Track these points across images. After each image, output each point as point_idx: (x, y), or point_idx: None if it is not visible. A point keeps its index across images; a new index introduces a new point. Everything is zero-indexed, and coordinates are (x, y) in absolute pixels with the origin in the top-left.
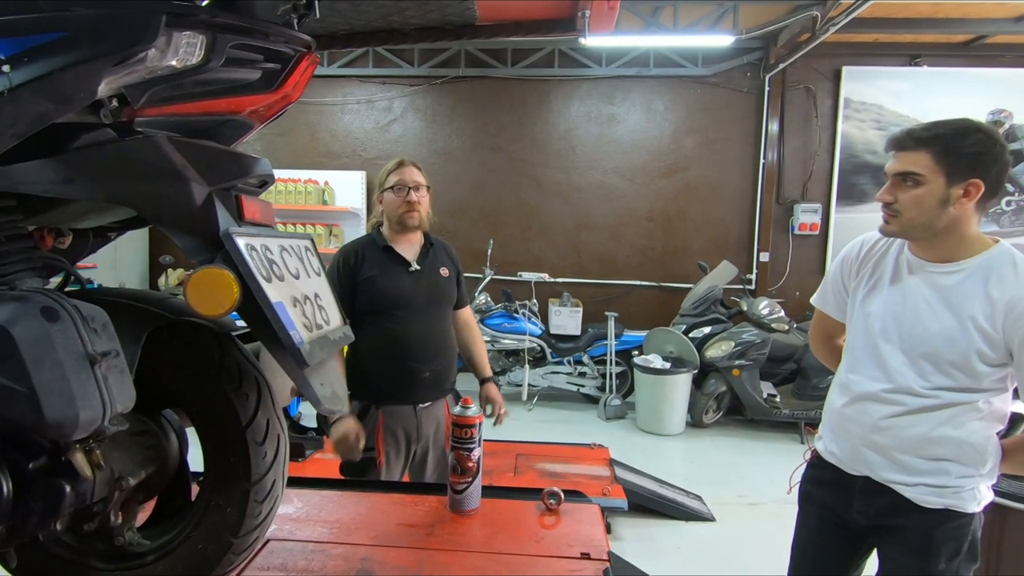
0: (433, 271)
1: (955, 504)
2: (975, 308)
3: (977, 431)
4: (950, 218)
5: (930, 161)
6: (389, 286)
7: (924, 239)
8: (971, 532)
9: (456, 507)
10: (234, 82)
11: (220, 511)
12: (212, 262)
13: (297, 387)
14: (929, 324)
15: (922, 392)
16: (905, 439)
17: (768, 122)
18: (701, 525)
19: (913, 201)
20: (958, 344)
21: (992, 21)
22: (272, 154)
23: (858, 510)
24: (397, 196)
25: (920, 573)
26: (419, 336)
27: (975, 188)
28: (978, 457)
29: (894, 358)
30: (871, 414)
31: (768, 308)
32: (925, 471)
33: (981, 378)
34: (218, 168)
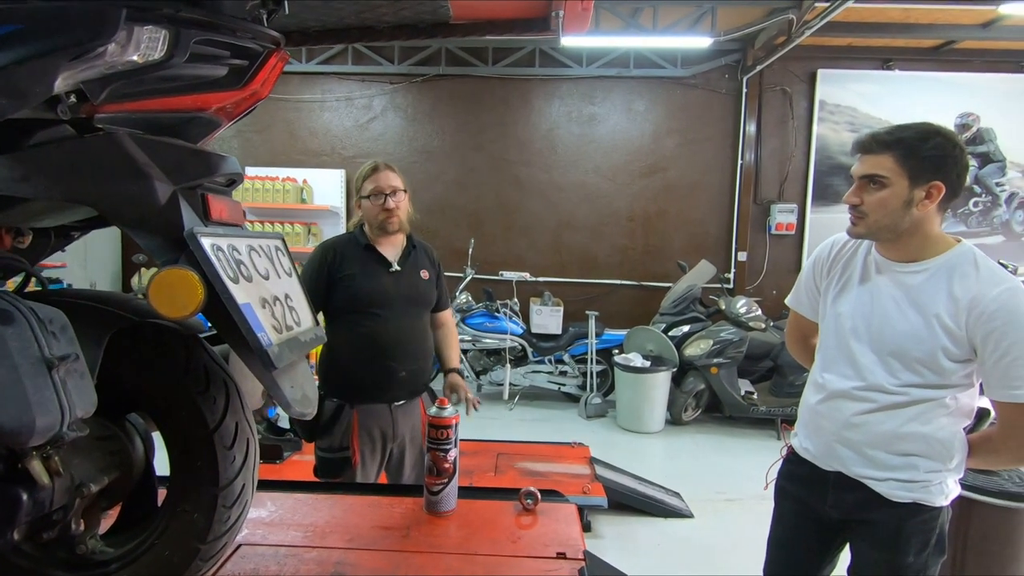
0: (414, 272)
1: (923, 498)
2: (940, 306)
3: (944, 427)
4: (913, 219)
5: (893, 164)
6: (368, 285)
7: (890, 240)
8: (939, 525)
9: (432, 509)
10: (199, 78)
11: (187, 517)
12: (176, 263)
13: (266, 390)
14: (897, 323)
15: (892, 389)
16: (876, 435)
17: (746, 123)
18: (680, 522)
19: (878, 203)
20: (925, 342)
21: (960, 27)
22: (250, 151)
23: (831, 505)
24: (374, 204)
25: (890, 566)
26: (396, 336)
27: (936, 190)
28: (945, 452)
29: (864, 356)
30: (843, 411)
31: (746, 307)
32: (895, 466)
33: (947, 374)
34: (183, 166)
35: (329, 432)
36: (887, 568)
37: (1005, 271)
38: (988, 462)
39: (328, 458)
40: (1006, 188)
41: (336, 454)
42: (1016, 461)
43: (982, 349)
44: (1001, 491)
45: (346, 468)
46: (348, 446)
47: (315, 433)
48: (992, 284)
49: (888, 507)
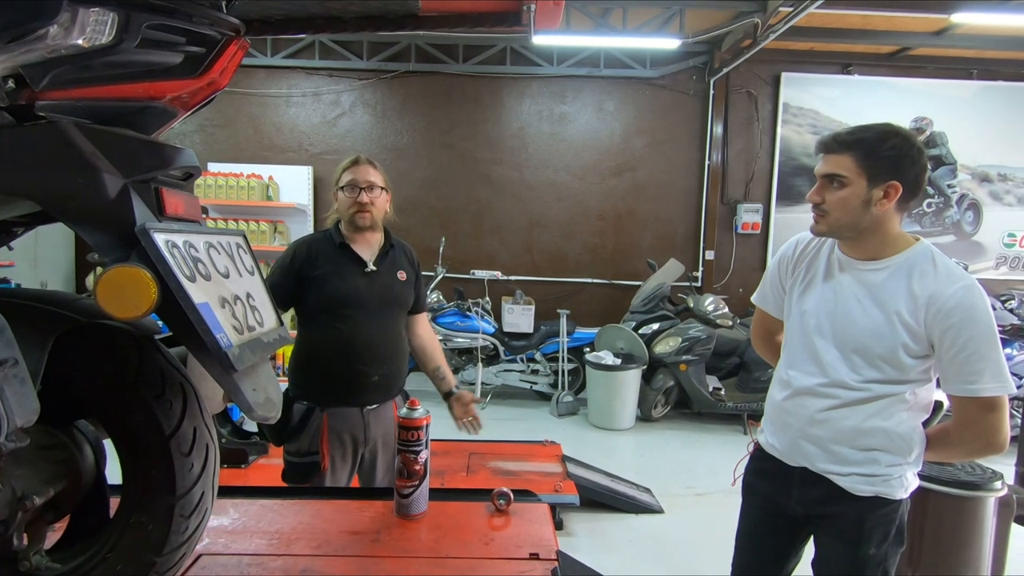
0: (390, 273)
1: (884, 491)
2: (900, 304)
3: (904, 421)
4: (873, 218)
5: (853, 164)
6: (342, 285)
7: (851, 238)
8: (899, 517)
9: (403, 512)
10: (152, 65)
11: (141, 528)
12: (127, 260)
13: (226, 393)
14: (859, 320)
15: (854, 385)
16: (839, 431)
17: (713, 124)
18: (651, 517)
19: (838, 202)
20: (886, 339)
21: (915, 34)
22: (213, 147)
23: (796, 500)
24: (348, 196)
25: (852, 557)
26: (369, 339)
27: (894, 190)
28: (905, 446)
29: (828, 353)
30: (808, 407)
31: (713, 304)
32: (857, 461)
33: (907, 370)
34: (135, 158)
35: (298, 436)
36: (850, 560)
37: (961, 269)
38: (945, 455)
39: (296, 462)
40: (957, 190)
41: (305, 458)
42: (971, 454)
43: (939, 345)
44: (954, 480)
45: (315, 472)
46: (317, 450)
47: (283, 437)
48: (950, 282)
49: (851, 501)
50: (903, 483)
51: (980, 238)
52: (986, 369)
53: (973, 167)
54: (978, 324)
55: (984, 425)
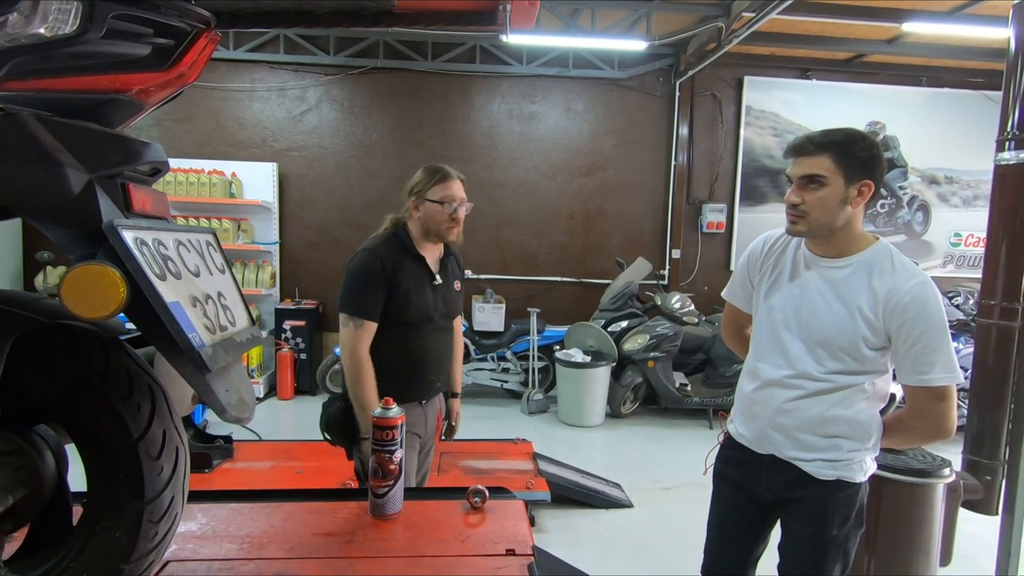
0: (450, 284)
1: (845, 475)
2: (861, 299)
3: (864, 410)
4: (846, 216)
5: (831, 164)
6: (420, 301)
7: (824, 236)
8: (859, 500)
9: (378, 512)
10: (118, 57)
11: (108, 535)
12: (93, 258)
13: (199, 394)
14: (823, 314)
15: (819, 376)
16: (804, 420)
17: (679, 125)
18: (620, 512)
19: (818, 201)
20: (847, 332)
21: (869, 42)
22: (171, 141)
23: (765, 486)
24: (444, 210)
25: (816, 538)
26: (437, 350)
27: (867, 188)
28: (864, 433)
29: (794, 346)
30: (776, 398)
31: (680, 302)
32: (821, 447)
33: (867, 361)
34: (100, 152)
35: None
36: (814, 541)
37: (917, 267)
38: (899, 441)
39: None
40: (908, 191)
41: None
42: (923, 440)
43: (896, 338)
44: (908, 468)
45: None
46: None
47: (355, 440)
48: (906, 278)
49: (815, 485)
50: (863, 467)
51: (929, 237)
52: (938, 361)
53: (922, 170)
54: (931, 319)
55: (934, 413)
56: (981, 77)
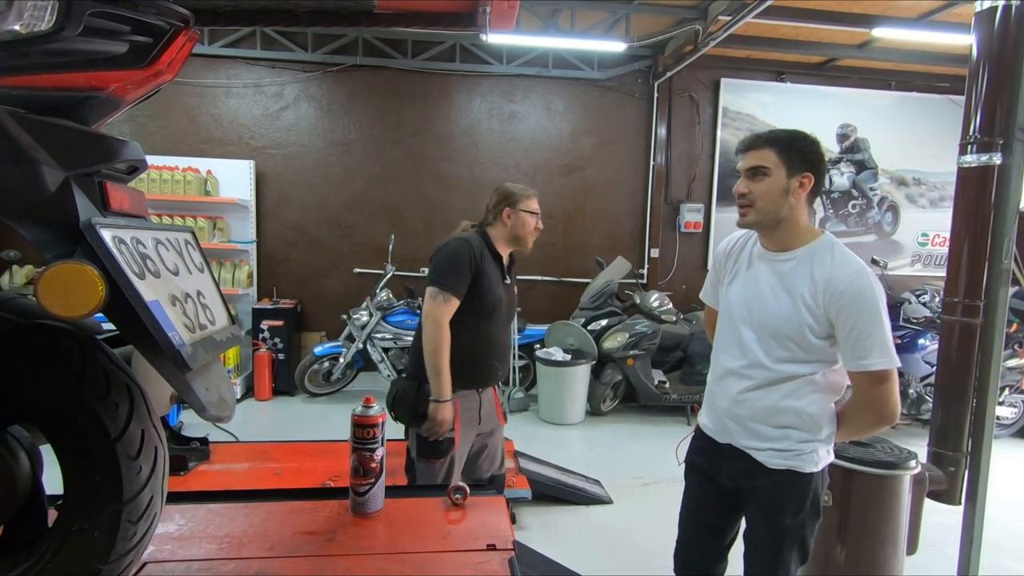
0: (512, 286)
1: (796, 465)
2: (804, 288)
3: (815, 402)
4: (790, 207)
5: (774, 157)
6: (498, 291)
7: (771, 228)
8: (812, 490)
9: (359, 510)
10: (95, 54)
11: (85, 536)
12: (71, 257)
13: (178, 393)
14: (771, 305)
15: (769, 366)
16: (757, 410)
17: (657, 126)
18: (600, 508)
19: (763, 191)
20: (792, 320)
21: (841, 46)
22: (144, 138)
23: (725, 474)
24: (533, 220)
25: (772, 527)
26: (502, 342)
27: (808, 180)
28: (815, 424)
29: (747, 337)
30: (732, 388)
31: (658, 301)
32: (773, 437)
33: (813, 350)
34: (77, 151)
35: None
36: (771, 529)
37: (856, 257)
38: (848, 431)
39: (434, 440)
40: (878, 192)
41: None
42: (868, 426)
43: (836, 325)
44: (876, 461)
45: (448, 448)
46: (451, 427)
47: (417, 417)
48: (843, 267)
49: (767, 474)
50: (814, 459)
51: (898, 237)
52: (874, 346)
53: (892, 171)
54: (866, 305)
55: (874, 397)
56: (947, 82)
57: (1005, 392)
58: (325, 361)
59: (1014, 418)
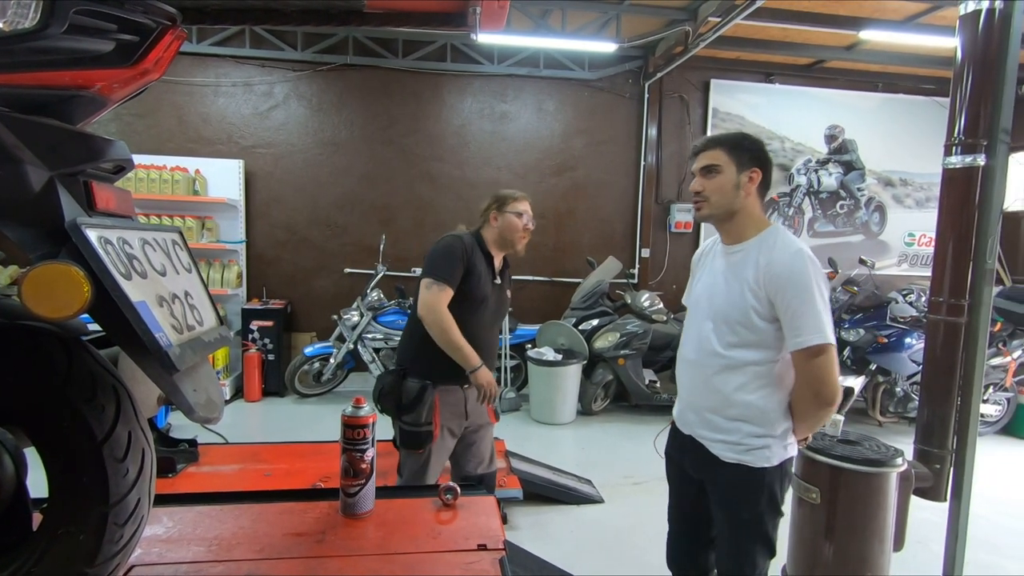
0: (503, 289)
1: (746, 460)
2: (749, 273)
3: (765, 396)
4: (741, 201)
5: (724, 155)
6: (485, 288)
7: (725, 221)
8: (766, 487)
9: (349, 511)
10: (81, 53)
11: (72, 539)
12: (56, 257)
13: (166, 395)
14: (724, 294)
15: (722, 353)
16: (711, 401)
17: (647, 126)
18: (591, 507)
19: (716, 187)
20: (739, 305)
21: (828, 48)
22: (131, 137)
23: (689, 464)
24: (520, 221)
25: (729, 521)
26: (488, 338)
27: (756, 174)
28: (765, 419)
29: (705, 327)
30: (691, 378)
31: (649, 300)
32: (725, 429)
33: (760, 332)
34: (62, 150)
35: (415, 408)
36: (729, 523)
37: (797, 242)
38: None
39: (413, 431)
40: (865, 193)
41: (421, 428)
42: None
43: (776, 306)
44: (863, 459)
45: (428, 441)
46: (431, 421)
47: (401, 409)
48: (782, 250)
49: (719, 466)
50: (765, 455)
51: (885, 237)
52: (807, 323)
53: (879, 172)
54: (799, 284)
55: (810, 374)
56: (933, 84)
57: (989, 390)
58: (315, 362)
59: (998, 416)
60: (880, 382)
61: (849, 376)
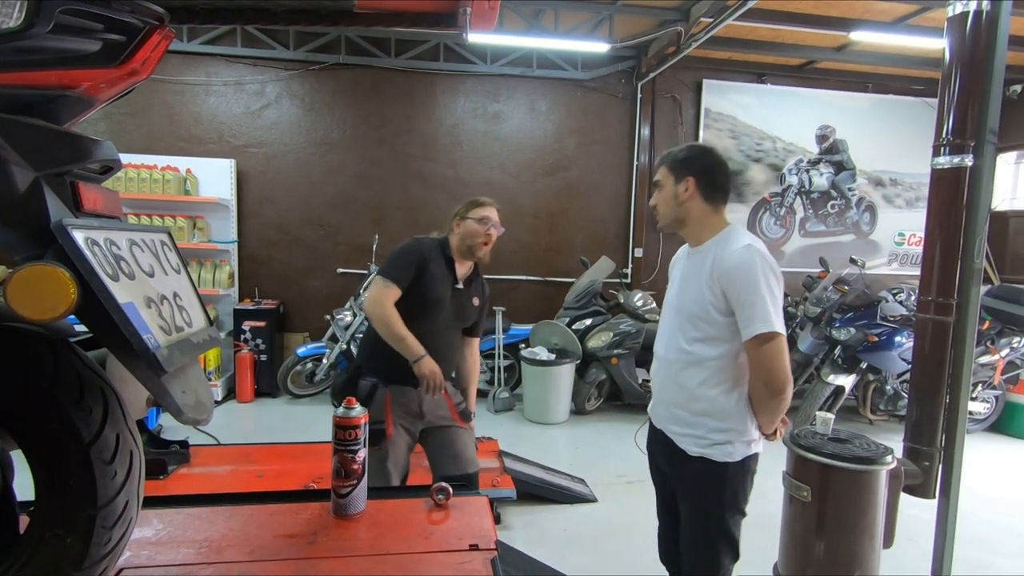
0: (469, 296)
1: (709, 454)
2: (706, 270)
3: (726, 391)
4: (685, 209)
5: (665, 170)
6: (440, 291)
7: (678, 228)
8: (729, 483)
9: (340, 512)
10: (66, 52)
11: (59, 542)
12: (42, 259)
13: (154, 397)
14: (687, 291)
15: (686, 348)
16: (677, 396)
17: (640, 126)
18: (585, 507)
19: (661, 200)
20: (699, 299)
21: (819, 49)
22: (121, 136)
23: (662, 458)
24: (480, 227)
25: (695, 513)
26: (439, 339)
27: (690, 183)
28: (726, 415)
29: (672, 324)
30: (660, 373)
31: (642, 300)
32: (690, 423)
33: (718, 326)
34: (48, 150)
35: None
36: (691, 516)
37: (747, 236)
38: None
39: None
40: (856, 193)
41: (373, 426)
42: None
43: (729, 298)
44: (853, 456)
45: (382, 439)
46: (383, 419)
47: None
48: (733, 246)
49: (684, 460)
50: (727, 450)
51: (876, 237)
52: (755, 313)
53: (869, 172)
54: (747, 276)
55: (760, 362)
56: (922, 85)
57: (978, 388)
58: (308, 362)
59: (987, 413)
60: (871, 380)
61: (840, 375)
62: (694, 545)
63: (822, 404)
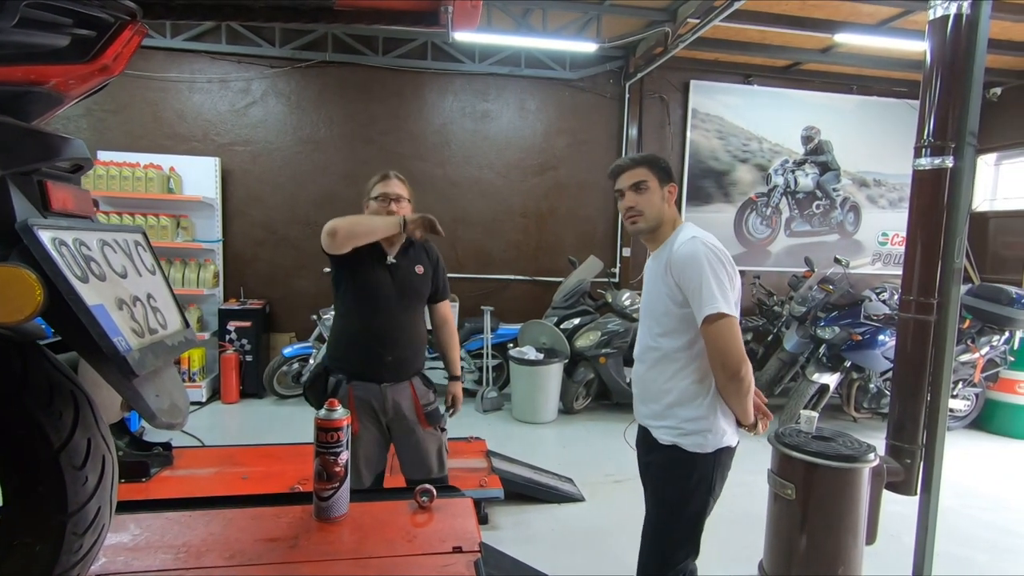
0: (409, 267)
1: (680, 443)
2: (662, 265)
3: (694, 382)
4: (665, 212)
5: (648, 172)
6: (370, 276)
7: (655, 230)
8: (696, 473)
9: (322, 515)
10: (33, 48)
11: (27, 550)
12: (6, 260)
13: (126, 400)
14: (649, 291)
15: (653, 345)
16: (650, 390)
17: (628, 127)
18: (573, 506)
19: (648, 200)
20: (659, 296)
21: (805, 50)
22: (103, 133)
23: (643, 454)
24: (381, 206)
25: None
26: (385, 325)
27: (674, 188)
28: (696, 405)
29: (643, 325)
30: (638, 374)
31: (630, 299)
32: (663, 415)
33: (679, 319)
34: (14, 148)
35: None
36: (651, 503)
37: (696, 230)
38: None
39: None
40: (840, 193)
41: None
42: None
43: (682, 289)
44: (836, 454)
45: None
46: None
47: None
48: (683, 238)
49: (659, 449)
50: (698, 440)
51: (860, 237)
52: (704, 297)
53: (853, 173)
54: (693, 264)
55: (713, 344)
56: (905, 87)
57: (958, 386)
58: (295, 362)
59: (967, 410)
60: (854, 379)
61: (825, 373)
62: (648, 535)
63: (807, 402)
